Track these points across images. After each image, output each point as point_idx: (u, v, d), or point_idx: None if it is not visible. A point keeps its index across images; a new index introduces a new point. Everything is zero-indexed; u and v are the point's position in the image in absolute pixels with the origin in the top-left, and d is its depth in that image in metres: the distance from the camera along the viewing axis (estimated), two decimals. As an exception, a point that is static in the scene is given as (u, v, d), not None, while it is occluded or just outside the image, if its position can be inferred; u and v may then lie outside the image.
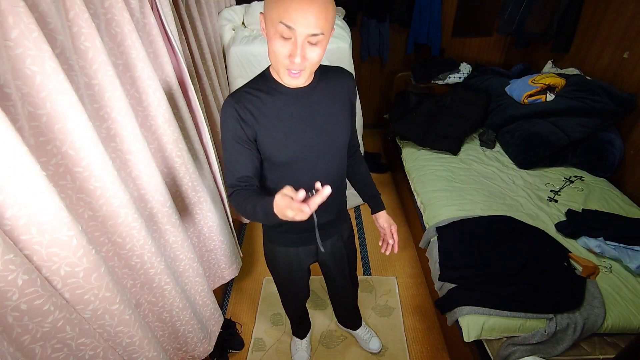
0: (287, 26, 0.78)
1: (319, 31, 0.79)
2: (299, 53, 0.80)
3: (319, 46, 0.83)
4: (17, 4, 0.59)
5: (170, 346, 1.26)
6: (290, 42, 0.80)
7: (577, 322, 1.35)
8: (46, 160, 0.72)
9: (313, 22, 0.77)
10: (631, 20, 2.10)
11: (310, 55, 0.83)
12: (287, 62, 0.83)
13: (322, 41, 0.82)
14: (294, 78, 0.87)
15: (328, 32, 0.83)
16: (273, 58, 0.86)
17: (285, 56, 0.82)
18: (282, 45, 0.81)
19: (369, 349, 1.79)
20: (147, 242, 0.98)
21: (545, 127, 2.25)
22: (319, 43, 0.82)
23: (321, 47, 0.83)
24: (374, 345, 1.79)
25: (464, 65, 3.16)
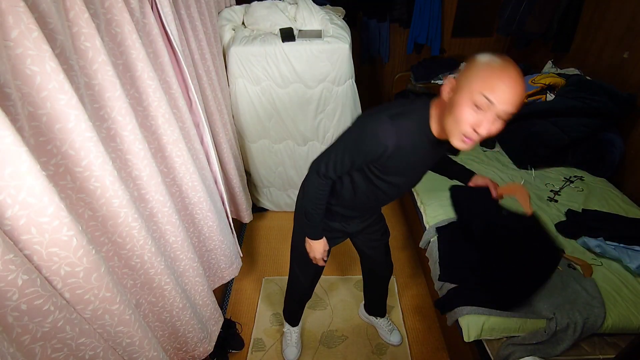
0: (488, 100, 0.79)
1: (513, 111, 0.81)
2: (486, 125, 0.82)
3: (502, 122, 0.85)
4: (17, 4, 0.59)
5: (170, 346, 1.26)
6: (481, 114, 0.82)
7: (577, 322, 1.35)
8: (46, 160, 0.72)
9: (514, 102, 0.79)
10: (631, 20, 2.10)
11: (492, 129, 0.84)
12: (468, 130, 0.84)
13: (506, 121, 0.84)
14: (467, 144, 0.88)
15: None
16: (453, 122, 0.86)
17: (470, 124, 0.83)
18: (471, 115, 0.82)
19: (390, 340, 1.83)
20: (147, 242, 0.98)
21: (545, 127, 2.25)
22: (504, 121, 0.84)
23: (503, 124, 0.85)
24: (395, 338, 1.83)
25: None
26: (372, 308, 1.87)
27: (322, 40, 1.99)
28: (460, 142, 0.88)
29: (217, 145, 1.80)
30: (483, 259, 1.57)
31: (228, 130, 1.95)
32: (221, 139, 1.81)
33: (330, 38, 2.00)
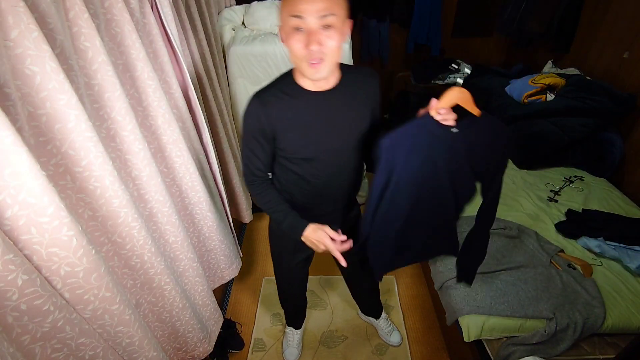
0: (297, 17, 0.81)
1: (327, 12, 0.82)
2: (313, 39, 0.83)
3: (334, 31, 0.85)
4: (17, 4, 0.59)
5: (170, 346, 1.26)
6: (303, 33, 0.84)
7: (577, 322, 1.35)
8: (46, 160, 0.72)
9: (319, 5, 0.81)
10: (631, 20, 2.10)
11: (325, 41, 0.85)
12: (305, 53, 0.86)
13: (335, 25, 0.85)
14: (315, 67, 0.88)
15: (340, 14, 0.85)
16: (293, 56, 0.89)
17: (303, 47, 0.85)
18: (297, 40, 0.85)
19: (389, 341, 1.82)
20: (147, 242, 0.98)
21: (545, 127, 2.25)
22: (332, 27, 0.84)
23: (336, 32, 0.86)
24: (395, 338, 1.82)
25: (464, 65, 3.16)
26: (365, 310, 1.87)
27: (322, 40, 1.98)
28: (311, 70, 0.89)
29: (217, 145, 1.80)
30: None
31: (228, 130, 1.95)
32: (221, 139, 1.81)
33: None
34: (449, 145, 1.00)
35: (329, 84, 0.99)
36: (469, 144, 1.01)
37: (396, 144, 0.98)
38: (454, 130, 0.98)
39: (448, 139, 0.99)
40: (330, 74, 0.95)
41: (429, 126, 0.97)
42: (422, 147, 1.00)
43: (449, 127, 0.97)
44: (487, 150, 1.04)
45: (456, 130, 0.98)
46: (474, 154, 1.04)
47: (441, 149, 1.01)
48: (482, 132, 1.01)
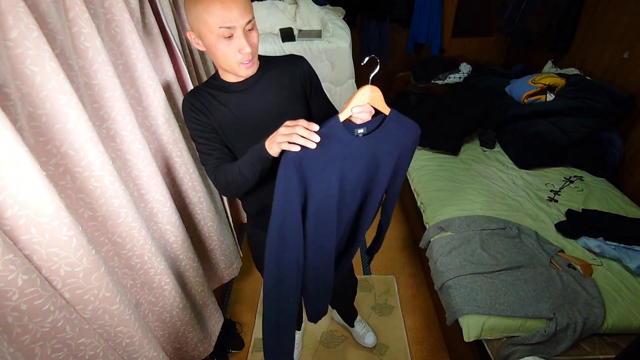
0: (227, 27, 0.85)
1: (250, 16, 0.88)
2: (246, 43, 0.88)
3: (255, 30, 0.92)
4: (17, 4, 0.59)
5: (170, 346, 1.26)
6: (233, 40, 0.88)
7: (577, 322, 1.35)
8: (46, 160, 0.72)
9: (244, 11, 0.85)
10: (631, 20, 2.10)
11: (253, 41, 0.91)
12: (239, 57, 0.90)
13: (254, 25, 0.91)
14: (250, 67, 0.94)
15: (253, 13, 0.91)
16: (223, 61, 0.92)
17: (235, 52, 0.89)
18: (227, 46, 0.88)
19: (364, 343, 1.82)
20: (147, 242, 0.98)
21: (545, 127, 2.25)
22: (253, 28, 0.91)
23: (256, 30, 0.93)
24: (369, 340, 1.81)
25: (464, 65, 3.16)
26: (342, 316, 1.86)
27: (322, 40, 1.99)
28: (244, 70, 0.94)
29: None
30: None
31: (228, 130, 1.95)
32: (221, 139, 1.81)
33: (330, 38, 2.00)
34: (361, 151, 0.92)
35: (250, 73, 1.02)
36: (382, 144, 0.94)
37: (306, 159, 0.84)
38: (360, 133, 0.90)
39: (360, 144, 0.90)
40: None
41: (338, 133, 0.87)
42: (337, 159, 0.89)
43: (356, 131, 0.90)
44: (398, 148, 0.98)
45: (363, 132, 0.90)
46: (387, 153, 0.97)
47: (355, 156, 0.92)
48: (394, 130, 0.94)
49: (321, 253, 1.02)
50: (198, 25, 0.87)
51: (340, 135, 0.87)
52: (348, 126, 0.88)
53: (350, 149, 0.90)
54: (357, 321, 1.84)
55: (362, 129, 0.90)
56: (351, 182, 0.96)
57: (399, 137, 0.96)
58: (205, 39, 0.89)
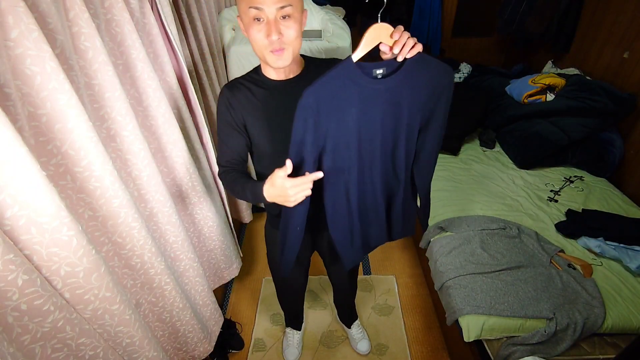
0: (255, 8, 0.83)
1: (285, 3, 0.84)
2: (273, 29, 0.85)
3: (292, 20, 0.87)
4: (17, 4, 0.59)
5: (170, 346, 1.26)
6: (263, 24, 0.86)
7: (577, 322, 1.35)
8: (46, 160, 0.72)
9: None
10: (631, 20, 2.10)
11: (285, 31, 0.87)
12: (266, 43, 0.88)
13: (293, 15, 0.86)
14: (278, 56, 0.90)
15: (297, 6, 0.87)
16: (255, 47, 0.91)
17: (263, 38, 0.87)
18: (258, 30, 0.87)
19: (357, 349, 1.80)
20: (147, 242, 0.98)
21: (545, 127, 2.25)
22: (291, 17, 0.86)
23: (295, 21, 0.87)
24: (363, 347, 1.79)
25: (464, 65, 3.16)
26: (340, 316, 1.88)
27: (322, 40, 1.99)
28: (274, 59, 0.91)
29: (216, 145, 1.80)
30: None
31: (228, 130, 1.95)
32: (221, 139, 1.81)
33: (330, 38, 2.00)
34: (381, 95, 0.88)
35: (292, 72, 1.01)
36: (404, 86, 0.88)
37: (322, 101, 0.85)
38: (379, 74, 0.86)
39: (378, 87, 0.87)
40: (293, 63, 0.97)
41: (352, 76, 0.84)
42: (353, 102, 0.87)
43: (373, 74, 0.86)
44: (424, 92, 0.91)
45: (382, 73, 0.86)
46: (410, 96, 0.90)
47: (374, 100, 0.88)
48: (417, 72, 0.88)
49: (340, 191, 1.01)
50: (239, 5, 0.87)
51: (353, 77, 0.85)
52: (365, 67, 0.85)
53: (368, 90, 0.87)
54: (355, 325, 1.84)
55: (380, 69, 0.86)
56: (374, 124, 0.92)
57: (424, 79, 0.89)
58: (243, 21, 0.89)
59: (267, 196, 0.92)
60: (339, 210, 1.05)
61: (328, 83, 0.85)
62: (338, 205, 1.04)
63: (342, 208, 1.06)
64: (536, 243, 1.69)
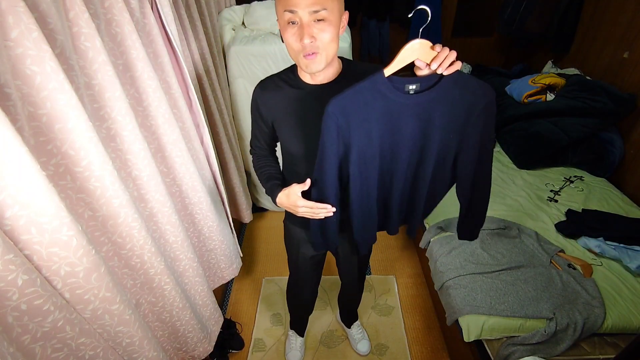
0: (290, 11, 0.83)
1: (319, 7, 0.82)
2: (305, 33, 0.83)
3: (327, 24, 0.84)
4: (17, 4, 0.59)
5: (170, 346, 1.26)
6: (297, 27, 0.85)
7: (577, 322, 1.35)
8: (46, 160, 0.72)
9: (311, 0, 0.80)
10: (631, 20, 2.10)
11: (318, 34, 0.85)
12: (299, 46, 0.86)
13: (328, 18, 0.84)
14: (311, 61, 0.88)
15: (334, 9, 0.84)
16: (290, 50, 0.90)
17: (296, 41, 0.86)
18: (292, 33, 0.86)
19: (357, 349, 1.80)
20: (147, 242, 0.98)
21: (545, 127, 2.25)
22: (325, 21, 0.84)
23: (330, 25, 0.85)
24: (363, 347, 1.79)
25: (464, 65, 3.16)
26: (342, 316, 1.88)
27: (322, 40, 1.99)
28: (307, 63, 0.89)
29: (217, 145, 1.80)
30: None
31: (228, 130, 1.95)
32: (221, 139, 1.81)
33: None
34: (411, 110, 0.87)
35: (327, 77, 0.99)
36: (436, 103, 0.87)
37: (348, 111, 0.86)
38: (411, 89, 0.85)
39: (408, 102, 0.86)
40: (328, 67, 0.95)
41: (382, 89, 0.85)
42: (380, 115, 0.87)
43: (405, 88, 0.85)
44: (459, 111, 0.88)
45: (415, 89, 0.85)
46: (442, 114, 0.88)
47: (403, 115, 0.87)
48: (452, 90, 0.86)
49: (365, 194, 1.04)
50: (276, 7, 0.87)
51: (383, 90, 0.85)
52: (397, 81, 0.85)
53: (397, 105, 0.86)
54: (355, 325, 1.84)
55: (414, 84, 0.85)
56: (402, 139, 0.92)
57: (460, 99, 0.86)
58: (280, 24, 0.89)
59: (279, 202, 1.05)
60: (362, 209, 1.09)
61: (356, 95, 0.85)
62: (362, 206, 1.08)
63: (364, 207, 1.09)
64: (536, 243, 1.69)
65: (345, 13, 0.92)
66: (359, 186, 1.01)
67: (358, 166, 0.96)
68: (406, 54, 0.82)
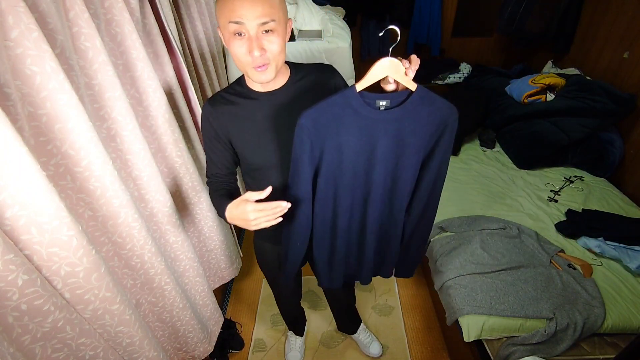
0: (235, 22, 0.79)
1: (267, 19, 0.80)
2: (255, 45, 0.81)
3: (275, 35, 0.83)
4: (17, 4, 0.59)
5: (171, 346, 1.26)
6: (245, 39, 0.82)
7: (577, 322, 1.35)
8: (46, 160, 0.72)
9: (259, 11, 0.78)
10: (631, 20, 2.10)
11: (268, 46, 0.83)
12: (249, 59, 0.84)
13: (276, 29, 0.82)
14: (261, 72, 0.86)
15: (280, 19, 0.83)
16: (237, 62, 0.87)
17: (246, 54, 0.83)
18: (239, 46, 0.83)
19: (369, 353, 1.78)
20: (147, 242, 0.98)
21: (545, 127, 2.25)
22: (273, 32, 0.82)
23: (278, 36, 0.83)
24: (374, 350, 1.78)
25: (464, 65, 3.16)
26: (341, 328, 1.85)
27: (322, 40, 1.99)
28: (257, 74, 0.87)
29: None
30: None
31: (228, 130, 1.95)
32: (221, 139, 1.81)
33: (330, 38, 2.00)
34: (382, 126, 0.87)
35: (278, 83, 0.97)
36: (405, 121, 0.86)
37: (320, 124, 0.86)
38: (382, 105, 0.85)
39: (379, 118, 0.86)
40: (279, 74, 0.94)
41: (353, 104, 0.84)
42: (351, 130, 0.87)
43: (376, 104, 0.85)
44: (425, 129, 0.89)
45: (385, 105, 0.85)
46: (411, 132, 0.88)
47: (373, 131, 0.87)
48: (420, 107, 0.86)
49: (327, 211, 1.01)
50: (219, 19, 0.83)
51: (355, 105, 0.84)
52: (368, 97, 0.85)
53: (368, 121, 0.86)
54: (361, 329, 1.82)
55: (384, 101, 0.85)
56: (373, 155, 0.91)
57: (426, 116, 0.87)
58: (223, 35, 0.85)
59: (228, 216, 0.92)
60: (324, 232, 1.07)
61: (328, 108, 0.85)
62: (325, 226, 1.06)
63: (326, 232, 1.07)
64: (536, 243, 1.69)
65: (289, 21, 0.90)
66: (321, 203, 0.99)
67: (325, 180, 0.95)
68: (377, 71, 0.83)
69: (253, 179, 1.08)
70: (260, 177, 1.05)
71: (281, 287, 1.46)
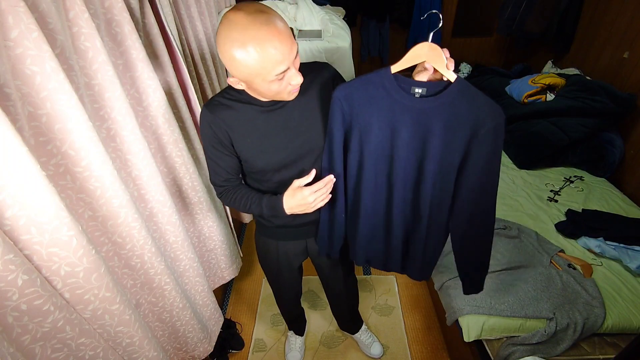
0: (283, 72, 0.79)
1: (295, 49, 0.80)
2: (297, 74, 0.82)
3: (298, 57, 0.84)
4: (17, 4, 0.59)
5: (171, 346, 1.26)
6: (285, 73, 0.81)
7: (577, 322, 1.35)
8: (46, 160, 0.72)
9: (289, 47, 0.78)
10: (631, 20, 2.10)
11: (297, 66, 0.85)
12: (290, 88, 0.86)
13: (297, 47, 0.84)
14: (295, 92, 0.89)
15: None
16: (275, 94, 0.87)
17: (287, 85, 0.85)
18: (279, 84, 0.83)
19: (370, 354, 1.78)
20: (147, 242, 0.98)
21: (545, 127, 2.25)
22: (297, 54, 0.83)
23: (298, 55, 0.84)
24: (376, 351, 1.78)
25: (464, 65, 3.17)
26: (342, 327, 1.84)
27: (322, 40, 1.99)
28: (293, 96, 0.90)
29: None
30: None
31: (228, 130, 1.95)
32: (221, 139, 1.81)
33: (330, 38, 2.00)
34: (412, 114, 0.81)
35: None
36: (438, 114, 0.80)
37: (353, 100, 0.84)
38: (417, 92, 0.80)
39: (412, 105, 0.80)
40: None
41: (388, 87, 0.81)
42: (382, 112, 0.83)
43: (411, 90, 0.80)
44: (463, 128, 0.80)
45: (421, 93, 0.80)
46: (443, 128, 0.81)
47: (404, 117, 0.81)
48: (458, 103, 0.78)
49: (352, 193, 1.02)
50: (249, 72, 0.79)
51: (388, 87, 0.82)
52: (405, 82, 0.82)
53: (399, 106, 0.82)
54: (362, 330, 1.82)
55: (420, 88, 0.80)
56: (400, 143, 0.86)
57: (465, 111, 0.79)
58: (256, 83, 0.83)
59: (287, 208, 0.96)
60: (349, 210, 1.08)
61: (362, 85, 0.84)
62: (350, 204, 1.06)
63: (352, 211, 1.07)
64: (536, 243, 1.69)
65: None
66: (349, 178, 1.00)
67: (352, 157, 0.94)
68: (415, 54, 0.80)
69: (254, 181, 1.08)
70: (263, 178, 1.05)
71: (281, 286, 1.46)
